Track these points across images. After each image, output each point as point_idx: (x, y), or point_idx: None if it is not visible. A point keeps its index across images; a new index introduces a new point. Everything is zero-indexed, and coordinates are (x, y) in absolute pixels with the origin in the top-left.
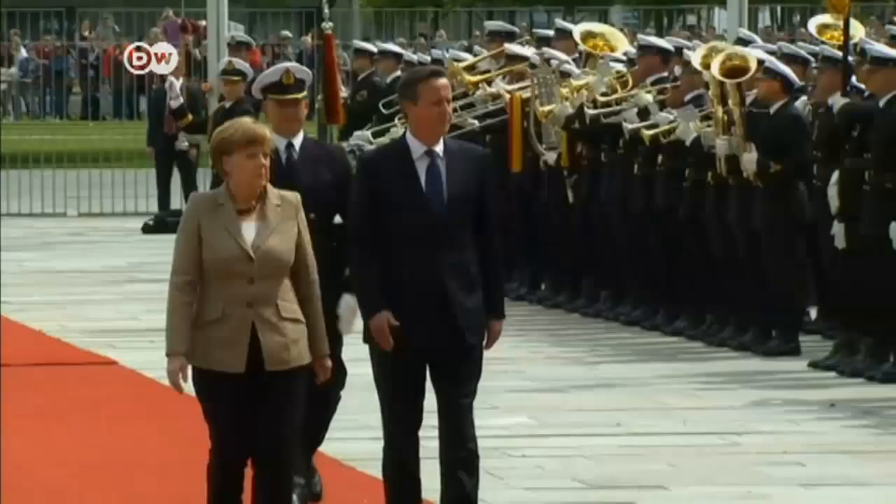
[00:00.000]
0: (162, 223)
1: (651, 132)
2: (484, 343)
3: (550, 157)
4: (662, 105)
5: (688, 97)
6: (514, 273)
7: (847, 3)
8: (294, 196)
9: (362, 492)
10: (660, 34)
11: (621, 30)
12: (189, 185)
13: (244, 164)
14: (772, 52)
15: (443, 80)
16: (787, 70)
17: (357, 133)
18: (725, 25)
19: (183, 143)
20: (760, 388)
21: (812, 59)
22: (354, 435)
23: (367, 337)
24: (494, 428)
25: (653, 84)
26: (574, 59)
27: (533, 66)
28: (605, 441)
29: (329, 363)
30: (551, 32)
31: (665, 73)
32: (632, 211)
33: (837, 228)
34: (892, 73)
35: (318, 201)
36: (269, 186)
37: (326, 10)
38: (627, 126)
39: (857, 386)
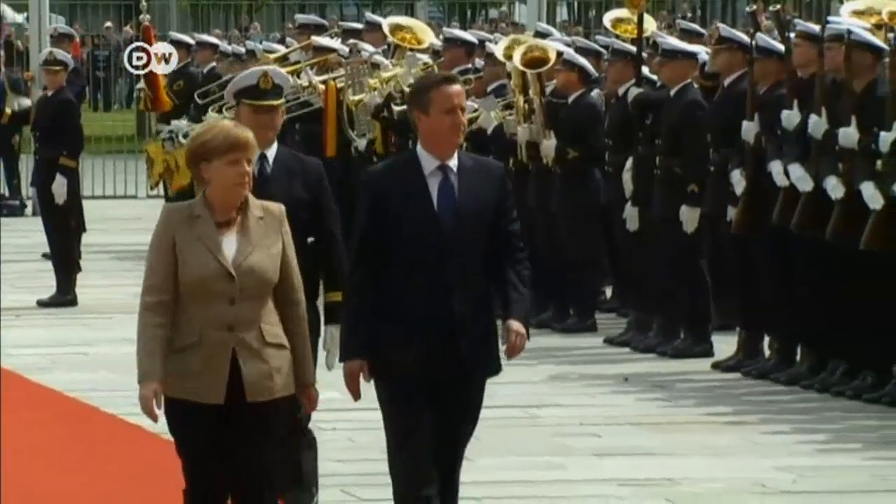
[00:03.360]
0: None
1: None
2: (503, 349)
3: (361, 143)
4: (467, 95)
5: (490, 87)
6: None
7: (643, 0)
8: (278, 207)
9: None
10: (464, 27)
11: (427, 23)
12: (11, 172)
13: (225, 171)
14: (568, 45)
15: (456, 87)
16: (584, 62)
17: (175, 122)
18: (525, 20)
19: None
20: (559, 363)
21: (604, 51)
22: None
23: (375, 370)
24: None
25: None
26: (383, 51)
27: (345, 57)
28: None
29: (316, 393)
30: (359, 25)
31: (469, 65)
32: None
33: (630, 212)
34: (682, 64)
35: (291, 218)
36: (251, 197)
37: (144, 3)
38: None
39: (649, 361)
